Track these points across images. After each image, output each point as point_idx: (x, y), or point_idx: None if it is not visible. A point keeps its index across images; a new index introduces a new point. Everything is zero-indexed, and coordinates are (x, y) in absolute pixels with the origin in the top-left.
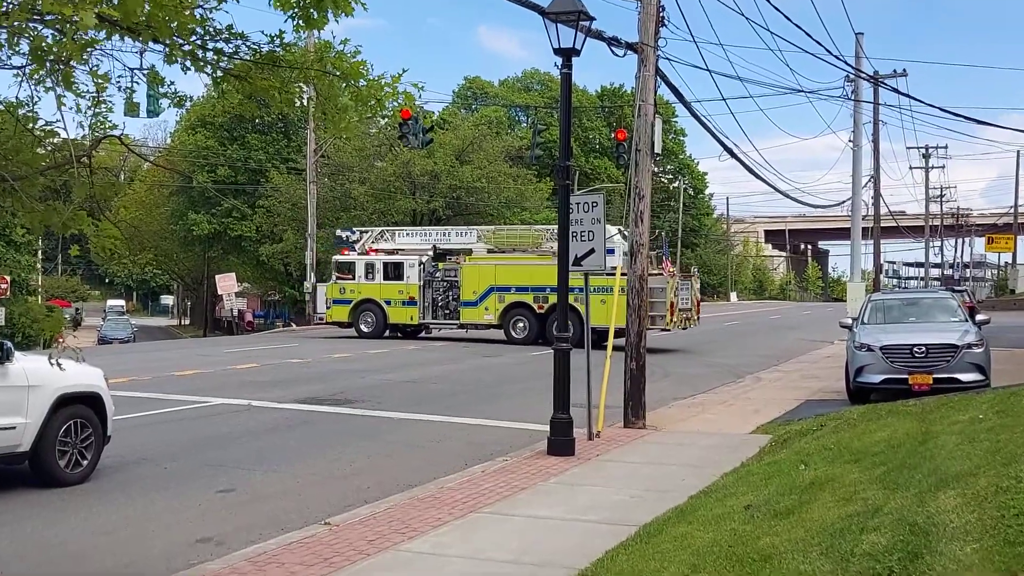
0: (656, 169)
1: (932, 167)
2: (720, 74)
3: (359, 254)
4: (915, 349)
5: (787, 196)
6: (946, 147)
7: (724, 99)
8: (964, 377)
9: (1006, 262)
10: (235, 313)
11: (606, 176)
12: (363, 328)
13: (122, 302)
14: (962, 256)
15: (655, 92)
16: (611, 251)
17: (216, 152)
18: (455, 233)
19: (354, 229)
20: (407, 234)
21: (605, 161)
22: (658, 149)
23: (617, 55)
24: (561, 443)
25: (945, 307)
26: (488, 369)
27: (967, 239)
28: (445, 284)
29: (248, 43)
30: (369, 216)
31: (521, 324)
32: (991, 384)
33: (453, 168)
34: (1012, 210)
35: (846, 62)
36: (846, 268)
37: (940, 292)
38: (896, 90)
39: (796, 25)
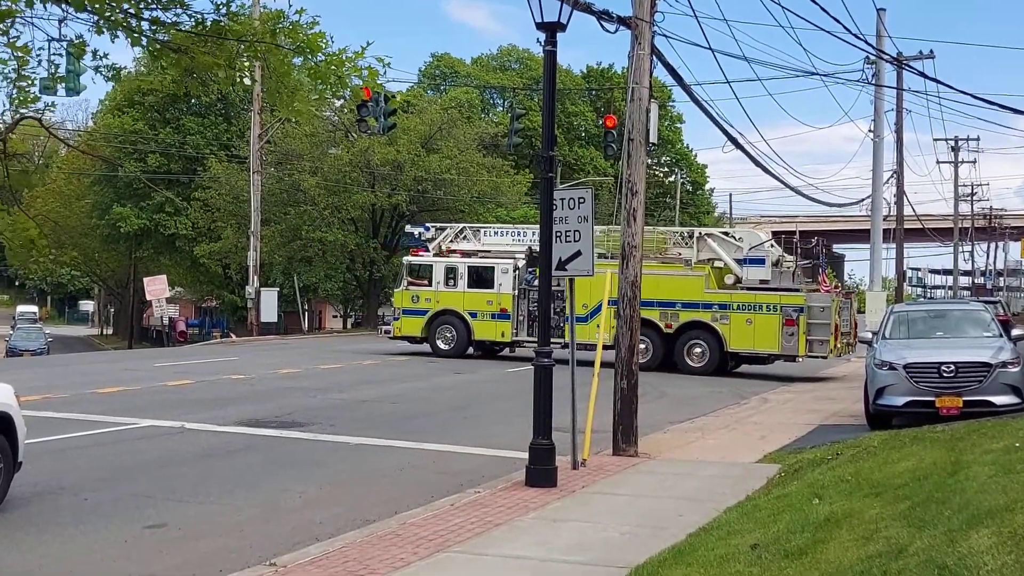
0: (650, 161)
1: (962, 161)
2: (724, 54)
3: (434, 255)
4: (943, 368)
5: (798, 193)
6: (978, 139)
7: (728, 82)
8: (998, 400)
9: None
10: (166, 321)
11: (592, 168)
12: (440, 345)
13: (34, 308)
14: (995, 263)
15: (650, 73)
16: (760, 261)
17: (146, 136)
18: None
19: (428, 225)
20: (494, 233)
21: (591, 151)
22: (653, 138)
23: (608, 31)
24: (541, 473)
25: (977, 320)
26: (459, 387)
27: (1001, 243)
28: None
29: (190, 12)
30: (320, 211)
31: (643, 346)
32: None
33: (418, 157)
34: None
35: (866, 41)
36: (864, 275)
37: (971, 303)
38: (922, 74)
39: None
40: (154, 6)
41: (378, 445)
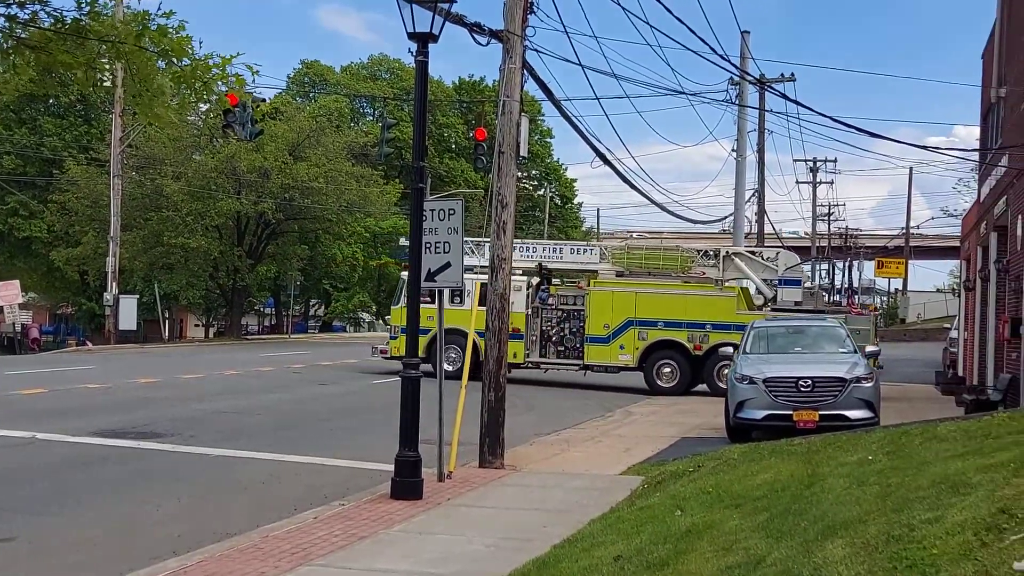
0: (521, 174)
1: (820, 182)
2: (594, 70)
3: None
4: (800, 382)
5: (663, 209)
6: (835, 161)
7: (597, 98)
8: (852, 414)
9: (896, 288)
10: (18, 328)
11: (463, 180)
12: (446, 367)
13: None
14: (851, 281)
15: (521, 87)
16: (796, 282)
17: (0, 137)
18: (569, 249)
19: None
20: None
21: (462, 163)
22: (523, 151)
23: (480, 43)
24: (407, 485)
25: (833, 336)
26: (324, 399)
27: (856, 262)
28: (561, 314)
29: (48, 9)
30: (184, 218)
31: (668, 369)
32: (880, 422)
33: (286, 165)
34: (903, 232)
35: (731, 62)
36: None
37: (829, 320)
38: (784, 95)
39: (678, 19)
40: (11, 2)
41: (241, 457)
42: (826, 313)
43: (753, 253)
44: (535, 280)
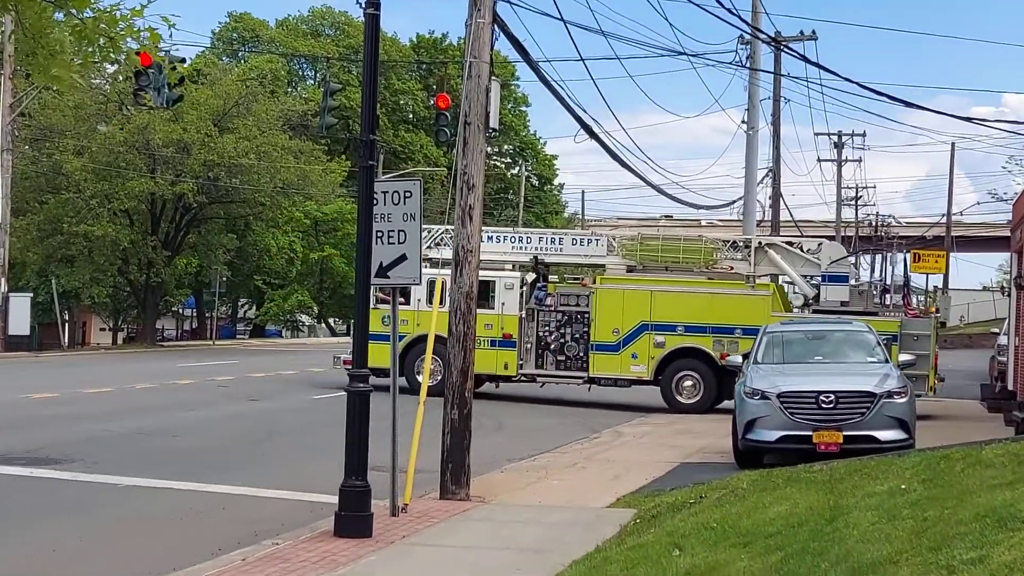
0: (491, 150)
1: (846, 160)
2: (578, 26)
3: None
4: (822, 398)
5: (661, 192)
6: (863, 135)
7: (583, 59)
8: (882, 435)
9: (935, 286)
10: None
11: (422, 156)
12: (421, 379)
13: None
14: (883, 276)
15: (491, 46)
16: (843, 279)
17: None
18: (571, 240)
19: None
20: (488, 238)
21: (421, 136)
22: (494, 123)
23: None
24: (354, 520)
25: (860, 342)
26: (255, 417)
27: (888, 254)
28: (561, 317)
29: None
30: (87, 200)
31: (690, 382)
32: (916, 444)
33: (209, 138)
34: (944, 219)
35: (740, 17)
36: None
37: (854, 323)
38: (803, 57)
39: None
40: None
41: (155, 487)
42: (877, 315)
43: (791, 244)
44: (530, 277)
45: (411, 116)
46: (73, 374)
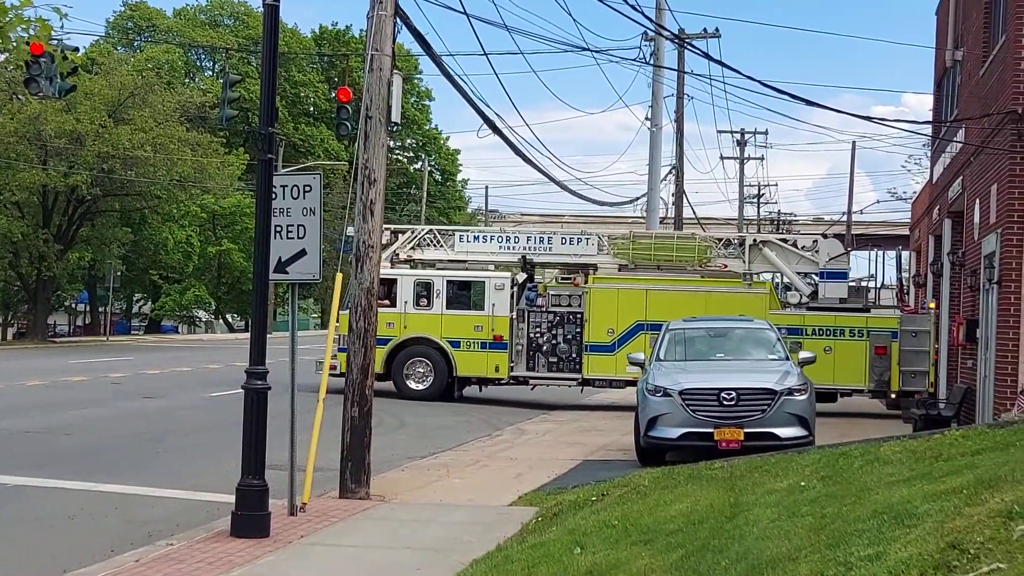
0: (393, 143)
1: (748, 157)
2: (481, 20)
3: (394, 265)
4: (723, 395)
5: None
6: (766, 133)
7: (485, 53)
8: (783, 432)
9: None
10: None
11: (323, 150)
12: (412, 384)
13: None
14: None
15: (394, 39)
16: (842, 275)
17: None
18: (560, 239)
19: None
20: (473, 238)
21: (322, 129)
22: (396, 116)
23: None
24: (251, 520)
25: (761, 340)
26: (150, 415)
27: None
28: (553, 317)
29: None
30: None
31: None
32: (816, 441)
33: (104, 129)
34: (844, 217)
35: (644, 14)
36: None
37: (755, 321)
38: (706, 54)
39: None
40: None
41: (45, 487)
42: (879, 309)
43: (785, 241)
44: (520, 277)
45: (312, 109)
46: None
